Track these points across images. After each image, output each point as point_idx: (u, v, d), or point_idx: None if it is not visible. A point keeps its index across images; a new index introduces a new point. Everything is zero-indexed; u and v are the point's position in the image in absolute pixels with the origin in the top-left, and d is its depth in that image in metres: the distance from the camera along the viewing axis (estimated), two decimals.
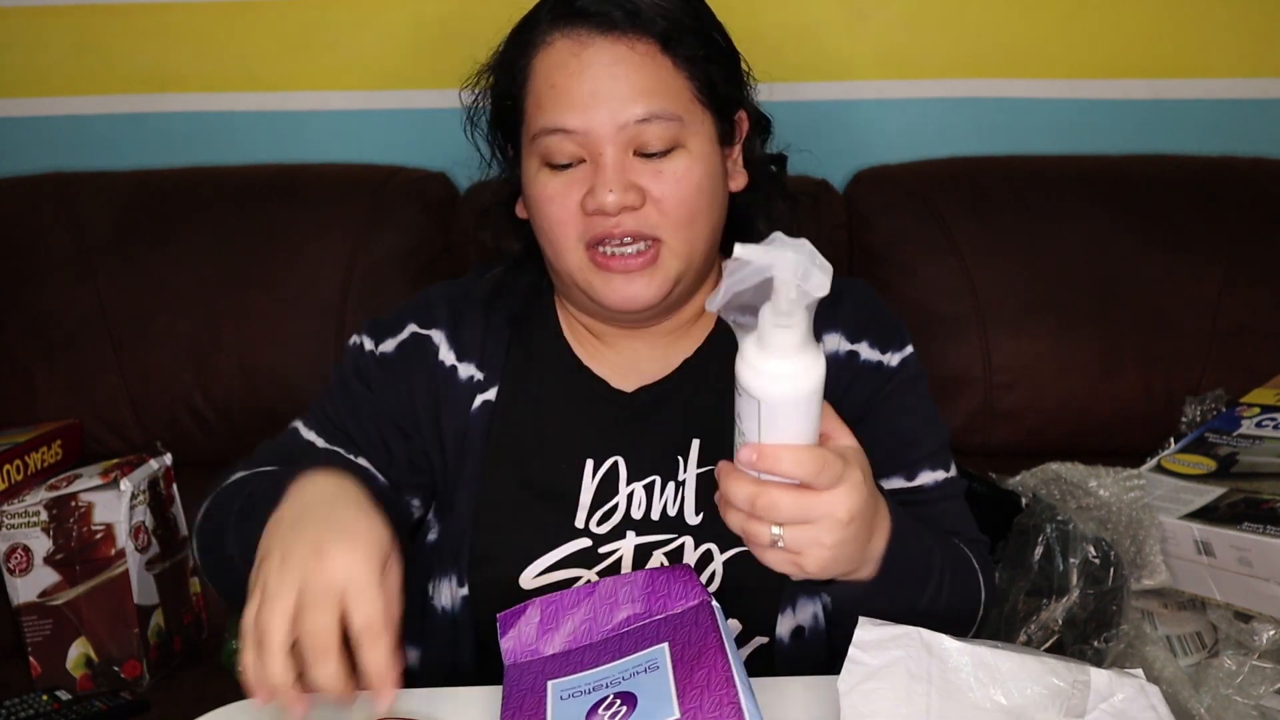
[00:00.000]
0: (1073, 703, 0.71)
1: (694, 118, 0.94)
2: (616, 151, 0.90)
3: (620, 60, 0.91)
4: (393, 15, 1.62)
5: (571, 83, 0.91)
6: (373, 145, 1.65)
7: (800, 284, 0.64)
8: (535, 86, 0.94)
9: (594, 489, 0.97)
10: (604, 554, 0.96)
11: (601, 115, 0.90)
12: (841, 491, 0.71)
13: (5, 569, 1.36)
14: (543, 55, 0.93)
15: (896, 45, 1.63)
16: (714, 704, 0.68)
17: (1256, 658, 1.14)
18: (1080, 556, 1.23)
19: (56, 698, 1.30)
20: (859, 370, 0.99)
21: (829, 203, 1.57)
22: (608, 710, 0.71)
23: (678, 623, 0.79)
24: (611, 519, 0.97)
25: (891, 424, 0.98)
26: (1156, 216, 1.51)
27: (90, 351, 1.51)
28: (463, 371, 1.01)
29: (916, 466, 0.98)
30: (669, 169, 0.92)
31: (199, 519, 0.96)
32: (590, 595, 0.84)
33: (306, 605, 0.69)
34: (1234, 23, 1.60)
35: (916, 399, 1.01)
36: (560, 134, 0.91)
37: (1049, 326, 1.48)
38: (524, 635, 0.83)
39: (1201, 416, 1.42)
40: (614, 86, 0.90)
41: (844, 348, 1.00)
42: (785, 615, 0.95)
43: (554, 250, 0.95)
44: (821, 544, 0.72)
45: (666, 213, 0.92)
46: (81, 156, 1.64)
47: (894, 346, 1.01)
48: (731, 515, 0.73)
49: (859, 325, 1.01)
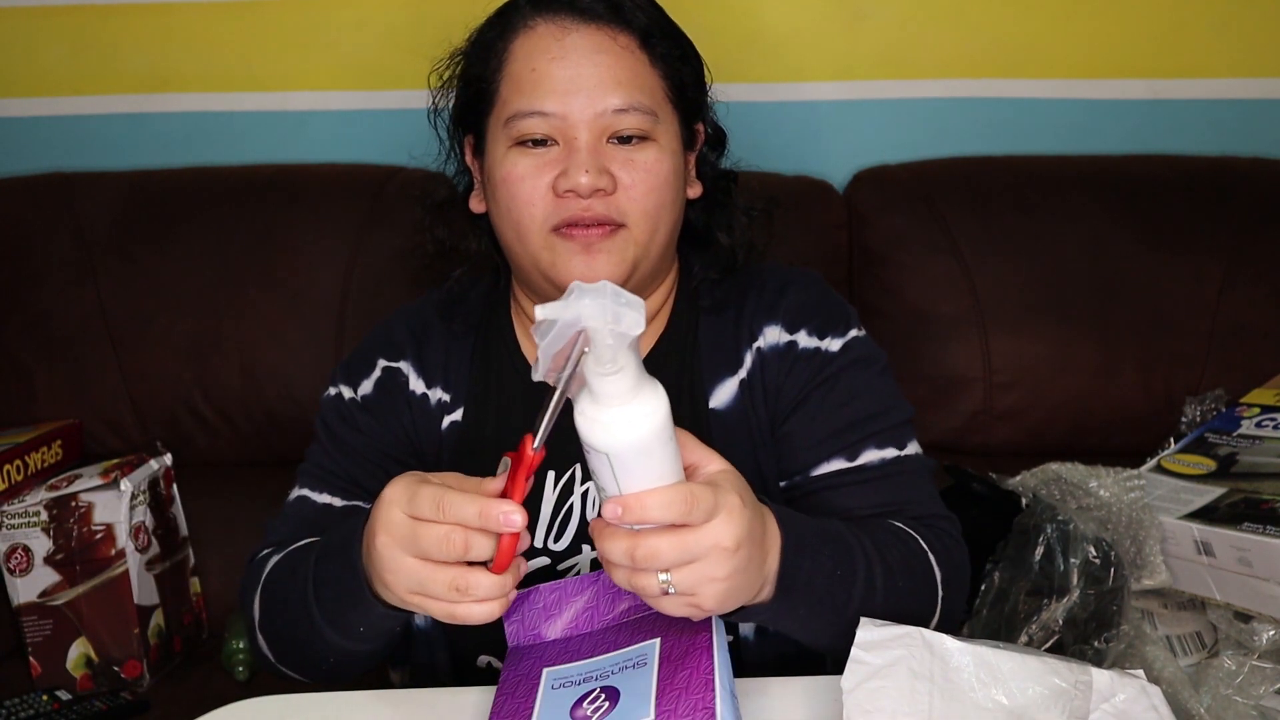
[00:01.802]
0: (1075, 703, 0.71)
1: (665, 115, 0.96)
2: (591, 137, 0.92)
3: (602, 49, 0.92)
4: (393, 15, 1.62)
5: (553, 67, 0.92)
6: (373, 145, 1.65)
7: (612, 328, 0.60)
8: (514, 70, 0.94)
9: (554, 500, 0.97)
10: (562, 570, 0.96)
11: (580, 101, 0.91)
12: (720, 521, 0.67)
13: (5, 569, 1.36)
14: (523, 39, 0.94)
15: (896, 45, 1.63)
16: (689, 708, 0.67)
17: (1256, 658, 1.14)
18: (1080, 556, 1.23)
19: (56, 698, 1.31)
20: (797, 357, 0.99)
21: (829, 203, 1.57)
22: (591, 704, 0.72)
23: (672, 618, 0.79)
24: (568, 531, 0.97)
25: (831, 407, 0.97)
26: (1156, 216, 1.51)
27: (90, 351, 1.51)
28: (431, 397, 1.02)
29: (859, 447, 0.95)
30: (640, 158, 0.93)
31: (256, 614, 0.91)
32: (594, 583, 0.84)
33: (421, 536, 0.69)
34: (1234, 23, 1.60)
35: (863, 382, 0.99)
36: (537, 116, 0.92)
37: (1049, 326, 1.49)
38: (528, 619, 0.84)
39: (1201, 416, 1.42)
40: (594, 74, 0.92)
41: (783, 339, 1.00)
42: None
43: (517, 232, 0.95)
44: (714, 579, 0.68)
45: (635, 200, 0.93)
46: (81, 156, 1.64)
47: (835, 332, 1.00)
48: (617, 573, 0.69)
49: (798, 315, 1.01)
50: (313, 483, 1.00)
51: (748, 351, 1.00)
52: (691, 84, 0.99)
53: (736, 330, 1.01)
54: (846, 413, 0.97)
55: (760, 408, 0.99)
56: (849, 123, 1.65)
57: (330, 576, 0.81)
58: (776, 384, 0.99)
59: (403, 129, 1.65)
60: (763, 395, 0.99)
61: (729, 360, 1.01)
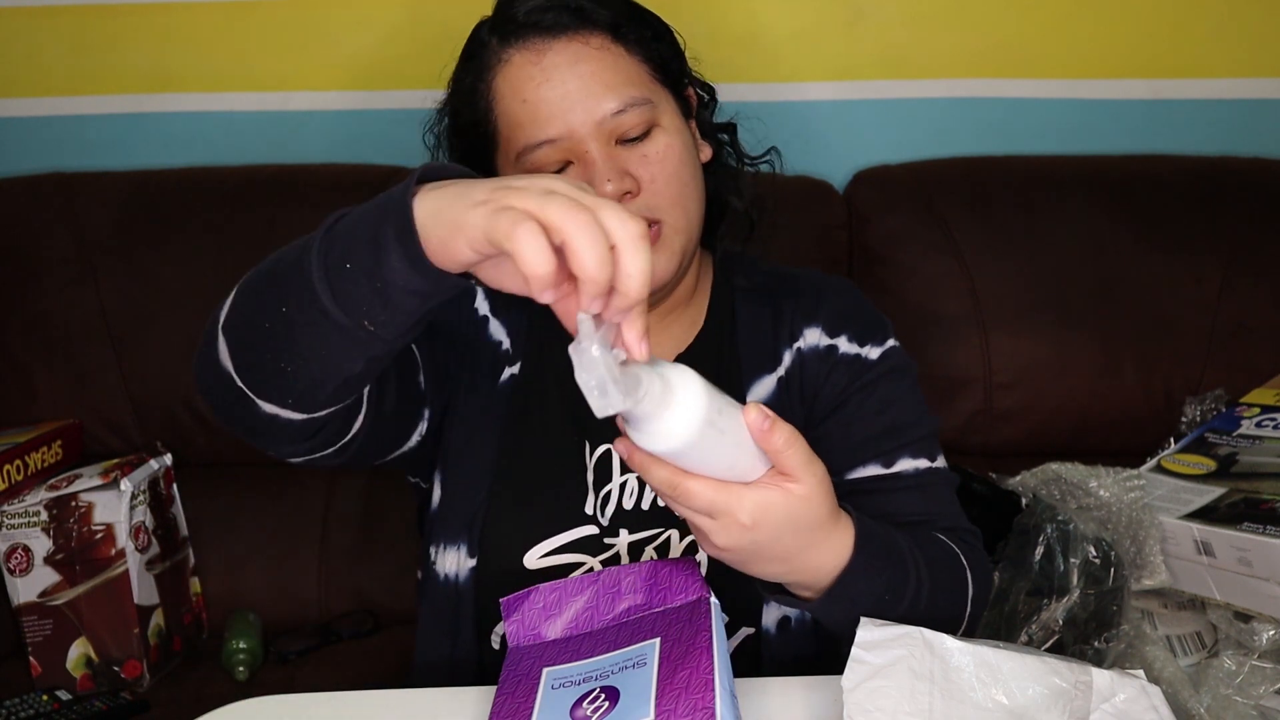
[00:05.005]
0: (1075, 703, 0.71)
1: (659, 97, 0.96)
2: (600, 145, 0.92)
3: (581, 59, 0.92)
4: (393, 15, 1.62)
5: (541, 92, 0.91)
6: (373, 145, 1.65)
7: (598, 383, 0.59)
8: (505, 107, 0.94)
9: (592, 473, 0.98)
10: (607, 544, 0.97)
11: (578, 116, 0.91)
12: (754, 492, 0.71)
13: (5, 569, 1.36)
14: (503, 74, 0.94)
15: (896, 45, 1.63)
16: (689, 708, 0.67)
17: (1256, 658, 1.14)
18: (1080, 556, 1.23)
19: (56, 698, 1.31)
20: (837, 362, 1.01)
21: (829, 203, 1.57)
22: (591, 704, 0.72)
23: (673, 617, 0.79)
24: (608, 509, 0.97)
25: (870, 414, 0.99)
26: (1156, 216, 1.51)
27: (90, 351, 1.51)
28: (494, 330, 1.02)
29: (895, 454, 0.98)
30: (651, 150, 0.93)
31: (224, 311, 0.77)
32: (594, 583, 0.85)
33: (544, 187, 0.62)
34: (1234, 23, 1.61)
35: (899, 391, 1.01)
36: (546, 145, 0.92)
37: (1049, 326, 1.49)
38: (527, 619, 0.84)
39: (1201, 416, 1.42)
40: (581, 85, 0.91)
41: (823, 342, 1.02)
42: (770, 606, 0.96)
43: None
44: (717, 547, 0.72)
45: (660, 192, 0.93)
46: (81, 156, 1.64)
47: (874, 340, 1.02)
48: None
49: (838, 319, 1.02)
50: None
51: (787, 351, 1.02)
52: (671, 57, 0.99)
53: (776, 329, 1.03)
54: (883, 420, 0.98)
55: (797, 407, 1.00)
56: (849, 123, 1.65)
57: (352, 230, 0.70)
58: (815, 386, 1.00)
59: (403, 129, 1.65)
60: (800, 395, 1.01)
61: (768, 358, 1.02)
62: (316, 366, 0.73)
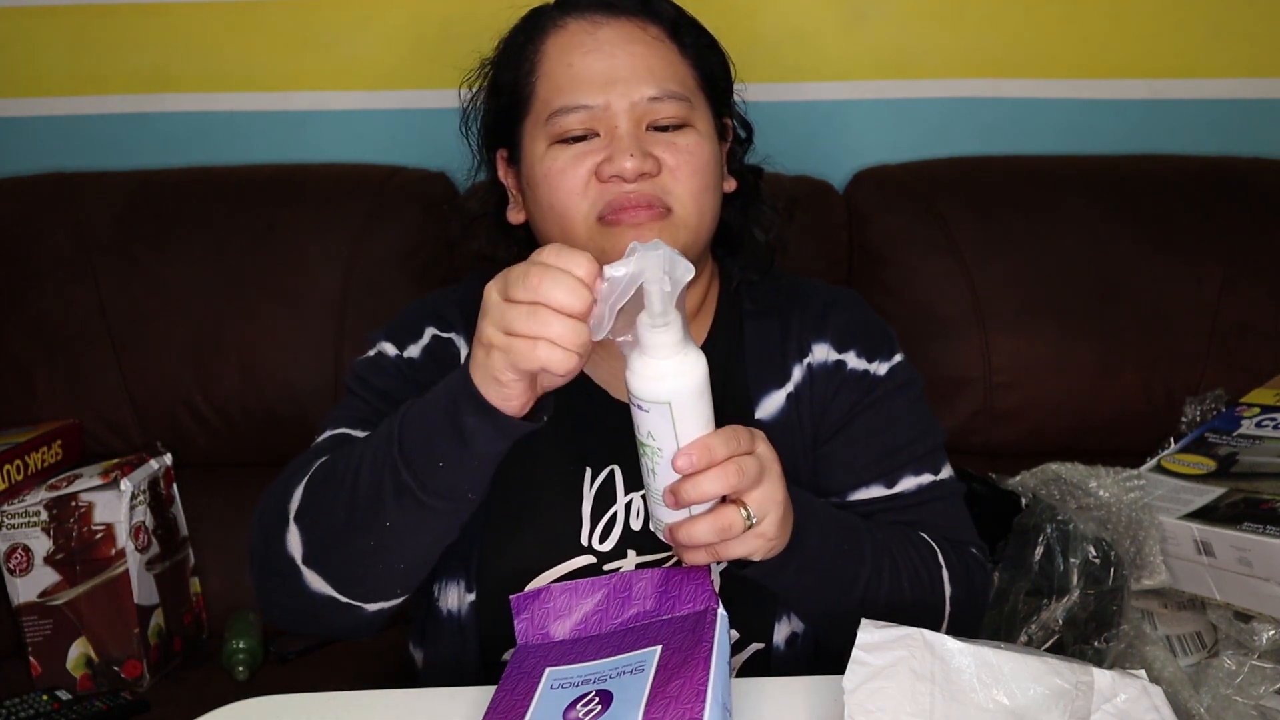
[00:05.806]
0: (1076, 704, 0.71)
1: (699, 103, 0.97)
2: (631, 124, 0.92)
3: (634, 40, 0.94)
4: (393, 15, 1.62)
5: (589, 60, 0.93)
6: (373, 145, 1.65)
7: (669, 273, 0.67)
8: (549, 68, 0.95)
9: (592, 498, 0.97)
10: (607, 571, 0.96)
11: (618, 91, 0.92)
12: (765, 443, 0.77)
13: (5, 569, 1.36)
14: (555, 37, 0.95)
15: (895, 45, 1.63)
16: (675, 718, 0.67)
17: (1256, 658, 1.14)
18: (1080, 556, 1.23)
19: (56, 698, 1.30)
20: (845, 378, 1.00)
21: (829, 203, 1.57)
22: (585, 707, 0.72)
23: (678, 626, 0.79)
24: (612, 533, 0.97)
25: (874, 433, 0.99)
26: (1156, 216, 1.51)
27: (90, 351, 1.51)
28: None
29: (898, 473, 0.98)
30: (682, 141, 0.93)
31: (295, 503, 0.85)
32: (606, 586, 0.84)
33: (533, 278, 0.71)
34: (1233, 23, 1.61)
35: (905, 406, 1.01)
36: (580, 111, 0.92)
37: (1049, 326, 1.49)
38: (537, 618, 0.84)
39: (1201, 416, 1.42)
40: (629, 64, 0.93)
41: (831, 357, 1.01)
42: (782, 623, 0.96)
43: (561, 227, 0.94)
44: (776, 501, 0.77)
45: (680, 180, 0.92)
46: (81, 156, 1.64)
47: (882, 355, 1.02)
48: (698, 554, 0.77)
49: (847, 334, 1.02)
50: (350, 425, 0.94)
51: (796, 365, 1.01)
52: (720, 74, 1.01)
53: (784, 343, 1.02)
54: (888, 439, 0.99)
55: (806, 422, 1.00)
56: (849, 123, 1.65)
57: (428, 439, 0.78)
58: (823, 402, 1.00)
59: (403, 129, 1.66)
60: (809, 410, 1.00)
61: (777, 372, 1.01)
62: (419, 554, 0.84)
